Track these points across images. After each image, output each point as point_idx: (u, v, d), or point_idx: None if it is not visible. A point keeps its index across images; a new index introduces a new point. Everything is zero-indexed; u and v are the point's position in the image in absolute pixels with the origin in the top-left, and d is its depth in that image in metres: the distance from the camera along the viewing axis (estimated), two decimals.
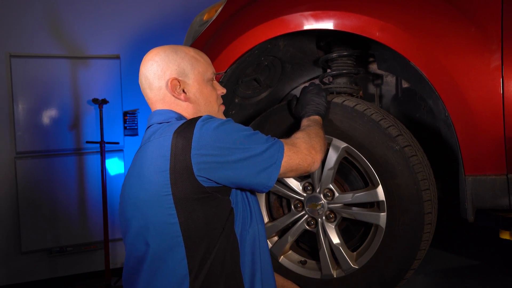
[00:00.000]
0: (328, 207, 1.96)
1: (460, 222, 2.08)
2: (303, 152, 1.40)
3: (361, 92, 2.21)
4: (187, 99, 1.41)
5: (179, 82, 1.40)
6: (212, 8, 2.28)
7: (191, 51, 1.44)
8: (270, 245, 2.08)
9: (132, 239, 1.39)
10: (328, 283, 1.99)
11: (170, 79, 1.40)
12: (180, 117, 1.41)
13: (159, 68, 1.41)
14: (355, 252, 1.97)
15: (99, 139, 3.49)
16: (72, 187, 3.66)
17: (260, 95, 2.39)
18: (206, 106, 1.44)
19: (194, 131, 1.26)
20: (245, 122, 2.34)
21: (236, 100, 2.33)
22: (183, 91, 1.41)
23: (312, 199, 1.99)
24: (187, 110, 1.42)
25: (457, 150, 1.74)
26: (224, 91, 1.51)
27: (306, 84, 2.03)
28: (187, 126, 1.29)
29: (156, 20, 3.87)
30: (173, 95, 1.41)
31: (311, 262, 2.07)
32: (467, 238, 2.99)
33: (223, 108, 1.53)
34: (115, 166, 3.77)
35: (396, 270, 1.85)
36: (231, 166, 1.27)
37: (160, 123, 1.40)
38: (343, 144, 1.88)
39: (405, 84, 2.32)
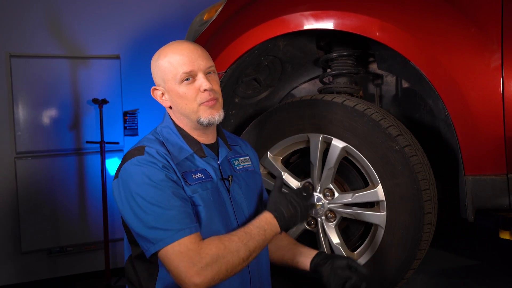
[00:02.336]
0: (328, 207, 1.96)
1: (460, 222, 2.08)
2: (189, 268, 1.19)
3: (361, 92, 2.21)
4: (168, 105, 1.44)
5: (159, 90, 1.43)
6: (212, 8, 2.28)
7: (167, 54, 1.39)
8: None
9: None
10: None
11: (151, 89, 1.45)
12: (166, 125, 1.45)
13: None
14: (355, 252, 1.97)
15: (99, 139, 3.49)
16: (72, 187, 3.65)
17: (260, 95, 2.39)
18: (183, 108, 1.39)
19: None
20: (245, 122, 2.34)
21: (236, 100, 2.33)
22: (166, 97, 1.43)
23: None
24: (173, 114, 1.45)
25: (457, 150, 1.73)
26: (206, 86, 1.36)
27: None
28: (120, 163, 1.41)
29: (156, 20, 3.86)
30: (160, 102, 1.46)
31: None
32: (467, 238, 2.99)
33: (212, 103, 1.39)
34: (115, 166, 3.76)
35: (396, 270, 1.85)
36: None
37: (159, 126, 1.48)
38: (343, 144, 1.88)
39: (405, 84, 2.32)
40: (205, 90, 1.36)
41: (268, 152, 2.05)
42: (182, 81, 1.37)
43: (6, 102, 3.43)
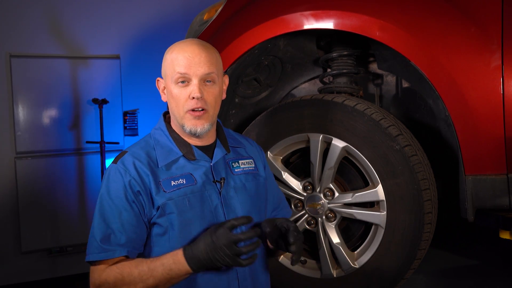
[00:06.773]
0: (328, 207, 1.96)
1: (460, 222, 2.08)
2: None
3: (361, 92, 2.21)
4: (165, 100, 1.41)
5: (162, 83, 1.41)
6: (212, 8, 2.28)
7: (174, 50, 1.37)
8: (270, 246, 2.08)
9: None
10: (328, 282, 1.99)
11: (156, 79, 1.43)
12: (159, 127, 1.43)
13: None
14: (355, 252, 1.97)
15: (99, 139, 3.48)
16: (72, 187, 3.65)
17: (260, 94, 2.40)
18: (173, 109, 1.37)
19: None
20: (245, 122, 2.34)
21: (236, 100, 2.33)
22: (165, 91, 1.40)
23: (312, 199, 1.99)
24: (169, 112, 1.43)
25: (457, 149, 1.74)
26: (194, 93, 1.31)
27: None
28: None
29: (156, 20, 3.86)
30: (161, 95, 1.43)
31: (311, 262, 2.07)
32: (467, 238, 2.99)
33: (197, 114, 1.33)
34: None
35: (396, 270, 1.85)
36: None
37: (153, 128, 1.46)
38: (343, 144, 1.88)
39: (405, 84, 2.32)
40: (193, 97, 1.32)
41: (268, 152, 2.05)
42: (177, 82, 1.34)
43: (6, 102, 3.42)
